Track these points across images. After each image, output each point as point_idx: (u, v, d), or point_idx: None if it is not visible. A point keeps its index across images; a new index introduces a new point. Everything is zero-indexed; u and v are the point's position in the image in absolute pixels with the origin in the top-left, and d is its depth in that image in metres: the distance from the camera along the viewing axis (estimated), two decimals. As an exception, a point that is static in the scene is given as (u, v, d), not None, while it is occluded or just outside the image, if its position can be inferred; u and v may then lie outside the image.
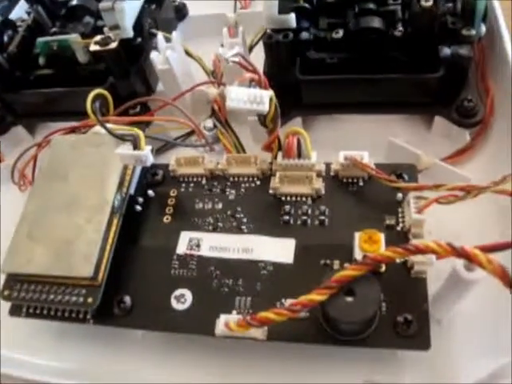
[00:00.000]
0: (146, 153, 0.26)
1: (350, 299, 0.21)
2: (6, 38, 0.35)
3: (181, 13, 0.39)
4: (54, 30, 0.35)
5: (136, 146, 0.26)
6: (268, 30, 0.30)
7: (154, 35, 0.34)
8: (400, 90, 0.29)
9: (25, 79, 0.35)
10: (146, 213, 0.28)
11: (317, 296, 0.21)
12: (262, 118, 0.26)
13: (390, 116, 0.31)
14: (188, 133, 0.33)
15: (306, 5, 0.30)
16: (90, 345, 0.27)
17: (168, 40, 0.34)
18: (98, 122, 0.27)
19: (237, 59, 0.24)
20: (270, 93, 0.23)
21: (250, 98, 0.23)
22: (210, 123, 0.32)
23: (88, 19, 0.35)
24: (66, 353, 0.28)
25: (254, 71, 0.23)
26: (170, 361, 0.26)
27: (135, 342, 0.27)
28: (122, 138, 0.26)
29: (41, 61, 0.35)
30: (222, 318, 0.23)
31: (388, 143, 0.30)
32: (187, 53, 0.34)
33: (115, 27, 0.30)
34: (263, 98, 0.23)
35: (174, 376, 0.25)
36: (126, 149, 0.26)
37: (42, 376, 0.26)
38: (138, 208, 0.28)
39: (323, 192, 0.27)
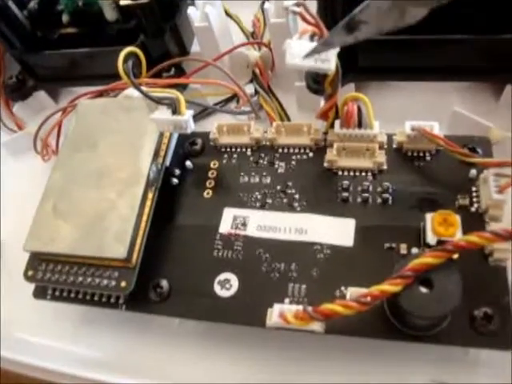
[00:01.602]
0: (187, 118, 0.23)
1: (426, 291, 0.18)
2: (22, -6, 0.32)
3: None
4: (79, -17, 0.32)
5: (175, 111, 0.23)
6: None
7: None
8: (469, 54, 0.26)
9: (47, 39, 0.32)
10: (183, 186, 0.25)
11: (390, 287, 0.18)
12: (318, 80, 0.23)
13: (453, 84, 0.28)
14: (227, 99, 0.30)
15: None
16: (119, 332, 0.25)
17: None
18: (132, 84, 0.23)
19: (297, 9, 0.20)
20: (336, 49, 0.20)
21: (314, 54, 0.19)
22: (251, 89, 0.29)
23: (115, -27, 0.32)
24: (91, 340, 0.25)
25: (317, 24, 0.20)
26: (208, 355, 0.24)
27: (170, 332, 0.24)
28: (159, 102, 0.23)
29: (64, 18, 0.32)
30: (276, 308, 0.20)
31: (452, 114, 0.27)
32: (225, 11, 0.31)
33: (150, -21, 0.27)
34: (328, 55, 0.19)
35: (212, 372, 0.23)
36: (163, 114, 0.23)
37: (62, 365, 0.24)
38: (175, 181, 0.25)
39: (385, 167, 0.23)
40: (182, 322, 0.24)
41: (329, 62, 0.20)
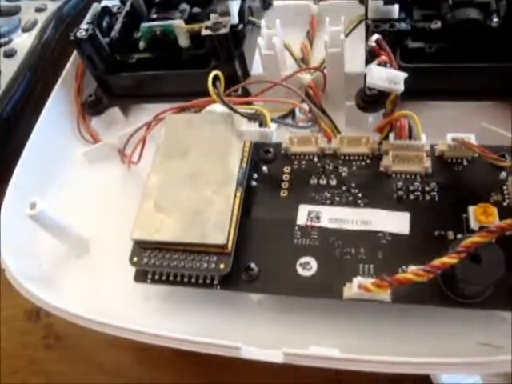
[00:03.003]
0: (273, 130, 0.27)
1: (476, 264, 0.23)
2: (104, 24, 0.37)
3: (266, 2, 0.41)
4: (154, 16, 0.37)
5: (261, 124, 0.28)
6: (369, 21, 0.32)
7: (251, 22, 0.36)
8: (494, 78, 0.31)
9: (125, 62, 0.36)
10: (261, 187, 0.30)
11: (448, 259, 0.23)
12: (367, 100, 0.28)
13: (481, 103, 0.33)
14: (283, 115, 0.35)
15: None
16: (202, 311, 0.29)
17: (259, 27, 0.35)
18: (221, 101, 0.28)
19: (374, 44, 0.26)
20: (404, 74, 0.25)
21: (389, 77, 0.25)
22: (306, 106, 0.34)
23: (184, 6, 0.37)
24: (178, 317, 0.29)
25: (389, 55, 0.25)
26: (284, 327, 0.28)
27: (250, 309, 0.29)
28: (247, 116, 0.28)
29: (141, 45, 0.36)
30: (355, 281, 0.24)
31: (480, 128, 0.32)
32: (282, 42, 0.36)
33: (226, 13, 0.32)
34: (399, 79, 0.25)
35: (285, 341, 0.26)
36: (251, 126, 0.28)
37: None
38: (254, 183, 0.30)
39: (431, 171, 0.29)
40: (261, 303, 0.29)
41: (399, 84, 0.25)
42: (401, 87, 0.25)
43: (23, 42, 0.46)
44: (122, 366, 0.34)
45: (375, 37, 0.27)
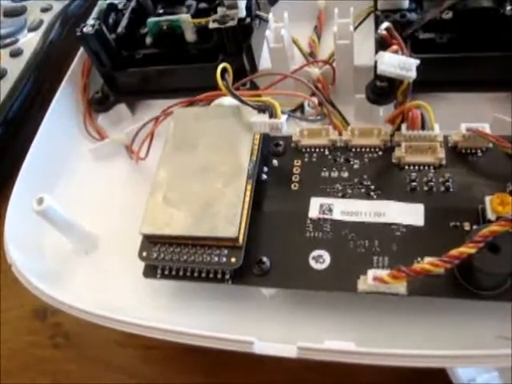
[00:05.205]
0: (283, 121, 0.27)
1: (494, 253, 0.22)
2: (110, 21, 0.37)
3: (273, -3, 0.41)
4: (160, 11, 0.36)
5: (271, 115, 0.27)
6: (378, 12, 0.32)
7: (258, 16, 0.35)
8: (506, 68, 0.31)
9: (131, 58, 0.36)
10: (272, 180, 0.29)
11: (466, 249, 0.22)
12: (377, 93, 0.28)
13: (493, 94, 0.33)
14: (292, 110, 0.35)
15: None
16: (212, 306, 0.29)
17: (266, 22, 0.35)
18: (231, 94, 0.28)
19: (384, 32, 0.25)
20: (416, 61, 0.25)
21: (400, 64, 0.24)
22: (315, 100, 0.34)
23: (190, 1, 0.37)
24: (187, 311, 0.28)
25: (399, 43, 0.25)
26: (296, 322, 0.27)
27: (261, 304, 0.28)
28: (257, 108, 0.27)
29: (148, 40, 0.36)
30: (370, 273, 0.24)
31: (492, 119, 0.31)
32: (289, 35, 0.36)
33: (233, 6, 0.32)
34: (411, 66, 0.24)
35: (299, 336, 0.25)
36: (262, 117, 0.27)
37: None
38: (264, 176, 0.29)
39: (444, 161, 0.28)
40: (272, 297, 0.28)
41: (411, 71, 0.24)
42: (413, 74, 0.25)
43: (29, 42, 0.46)
44: (130, 365, 0.34)
45: (385, 25, 0.26)
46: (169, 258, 0.27)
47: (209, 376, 0.32)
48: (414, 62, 0.25)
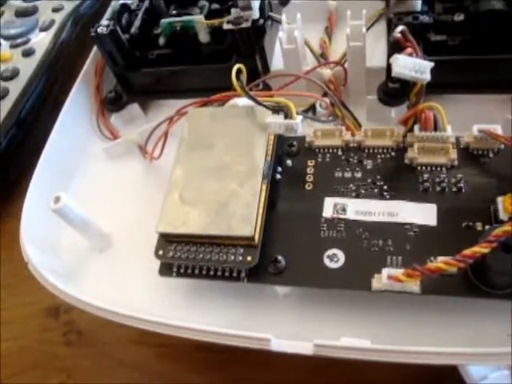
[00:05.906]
0: (298, 121, 0.27)
1: (507, 253, 0.23)
2: (123, 21, 0.37)
3: (285, -2, 0.41)
4: (173, 12, 0.37)
5: (286, 116, 0.28)
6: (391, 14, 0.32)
7: (270, 17, 0.36)
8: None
9: (145, 58, 0.37)
10: (286, 180, 0.30)
11: (479, 248, 0.23)
12: (389, 93, 0.28)
13: (505, 96, 0.33)
14: (304, 110, 0.35)
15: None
16: (226, 302, 0.29)
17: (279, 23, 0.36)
18: (246, 94, 0.28)
19: (399, 35, 0.26)
20: (431, 64, 0.25)
21: (415, 66, 0.25)
22: (327, 100, 0.34)
23: (203, 2, 0.37)
24: (202, 310, 0.29)
25: (413, 46, 0.25)
26: (311, 320, 0.28)
27: (277, 302, 0.29)
28: (272, 108, 0.28)
29: (161, 41, 0.36)
30: (385, 272, 0.24)
31: (504, 121, 0.32)
32: (301, 36, 0.36)
33: (247, 8, 0.32)
34: (426, 68, 0.25)
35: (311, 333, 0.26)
36: (277, 118, 0.28)
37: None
38: (278, 176, 0.30)
39: (457, 162, 0.28)
40: (287, 295, 0.29)
41: (426, 73, 0.25)
42: (427, 76, 0.25)
43: (41, 41, 0.46)
44: (143, 362, 0.34)
45: (400, 28, 0.27)
46: (185, 256, 0.27)
47: (221, 372, 0.32)
48: (428, 65, 0.25)
